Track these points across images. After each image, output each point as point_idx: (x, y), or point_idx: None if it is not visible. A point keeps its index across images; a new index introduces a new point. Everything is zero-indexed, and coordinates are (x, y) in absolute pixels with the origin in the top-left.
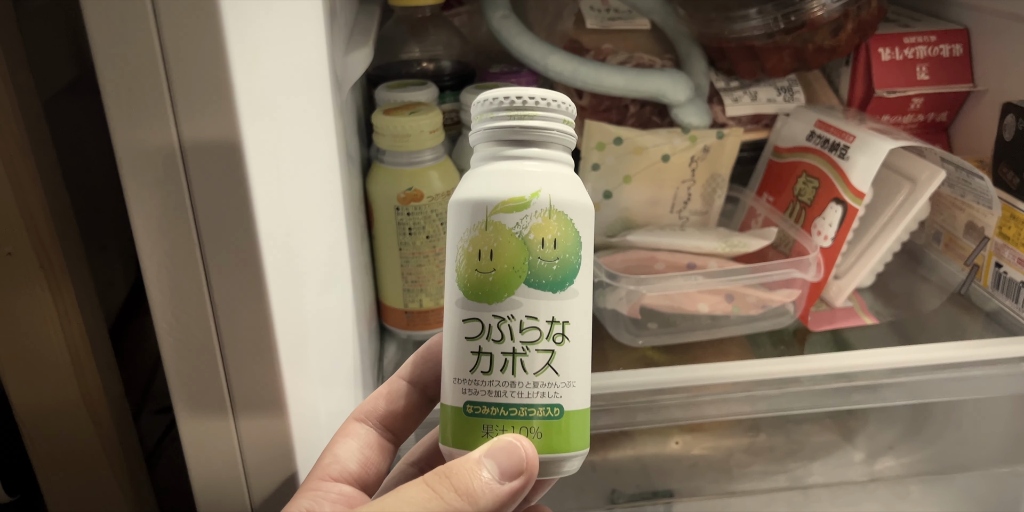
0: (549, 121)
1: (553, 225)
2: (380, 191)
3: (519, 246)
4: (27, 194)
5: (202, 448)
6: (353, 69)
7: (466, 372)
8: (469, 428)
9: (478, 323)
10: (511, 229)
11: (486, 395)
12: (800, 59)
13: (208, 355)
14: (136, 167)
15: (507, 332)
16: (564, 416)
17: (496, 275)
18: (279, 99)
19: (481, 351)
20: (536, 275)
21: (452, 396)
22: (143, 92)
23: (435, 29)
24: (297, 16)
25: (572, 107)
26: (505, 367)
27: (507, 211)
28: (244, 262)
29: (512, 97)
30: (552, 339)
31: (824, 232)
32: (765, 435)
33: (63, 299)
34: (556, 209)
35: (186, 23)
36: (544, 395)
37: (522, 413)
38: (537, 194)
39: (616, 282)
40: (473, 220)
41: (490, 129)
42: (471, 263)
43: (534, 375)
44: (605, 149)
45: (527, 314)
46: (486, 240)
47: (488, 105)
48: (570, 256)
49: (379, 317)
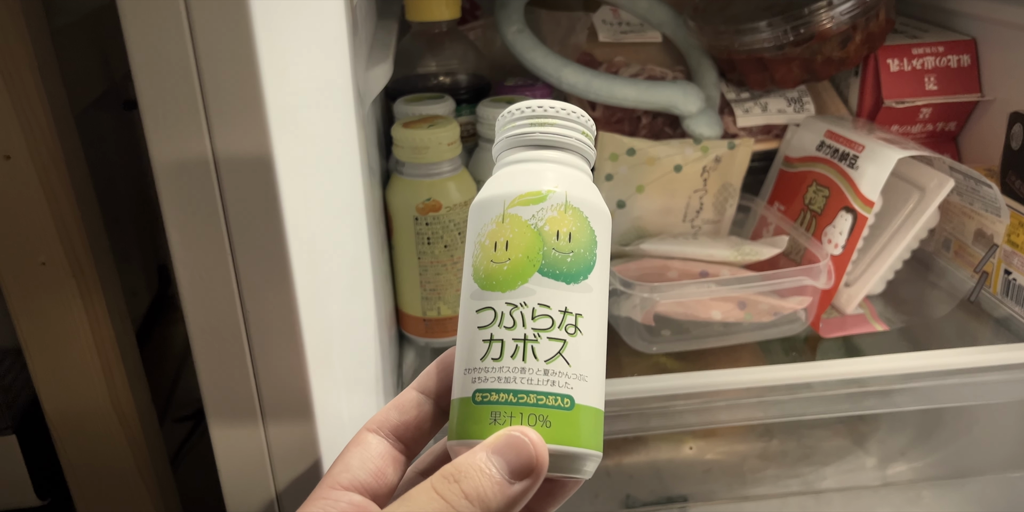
0: (568, 129)
1: (569, 219)
2: (399, 202)
3: (534, 236)
4: (61, 205)
5: (232, 451)
6: (374, 83)
7: (476, 361)
8: (477, 416)
9: (491, 311)
10: (527, 220)
11: (495, 382)
12: (809, 70)
13: (239, 361)
14: (172, 178)
15: (519, 319)
16: (575, 408)
17: (510, 264)
18: (306, 113)
19: (492, 338)
20: (550, 265)
21: (461, 388)
22: (179, 107)
23: (451, 43)
24: (323, 33)
25: (591, 122)
26: (516, 353)
27: (524, 204)
28: (274, 270)
29: (533, 106)
30: (564, 329)
31: (834, 240)
32: (778, 440)
33: (94, 307)
34: (572, 205)
35: (220, 41)
36: (554, 384)
37: (531, 400)
38: (553, 190)
39: (630, 290)
40: (491, 214)
41: (511, 137)
42: (487, 255)
43: (545, 362)
44: (618, 160)
45: (540, 302)
46: (502, 232)
47: (511, 116)
48: (584, 252)
49: (398, 324)
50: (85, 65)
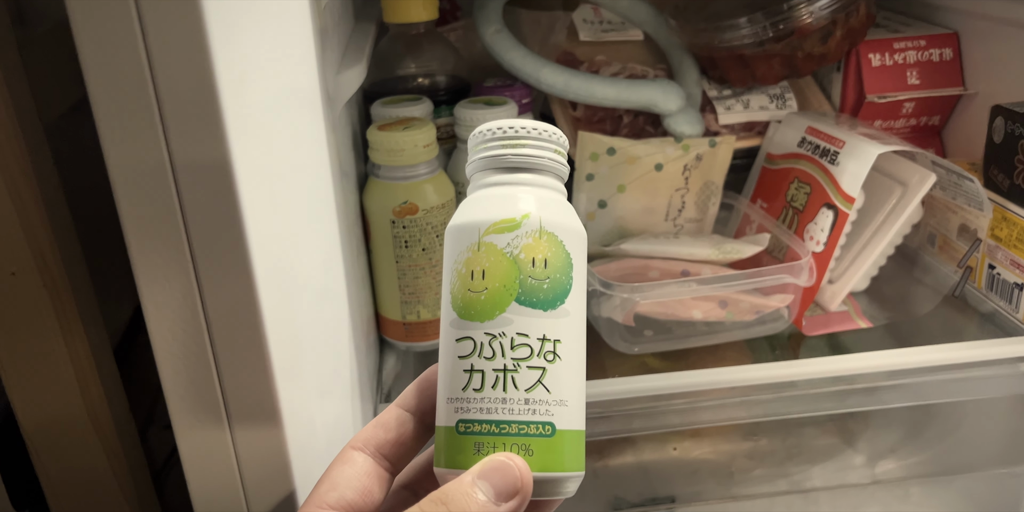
0: (540, 149)
1: (543, 245)
2: (376, 205)
3: (510, 265)
4: (30, 215)
5: (201, 460)
6: (345, 87)
7: (458, 391)
8: (461, 446)
9: (470, 341)
10: (502, 249)
11: (478, 412)
12: (790, 66)
13: (204, 368)
14: (129, 186)
15: (498, 349)
16: (556, 434)
17: (488, 294)
18: (268, 118)
19: (473, 369)
20: (527, 293)
21: (445, 416)
22: (134, 114)
23: (430, 45)
24: (286, 37)
25: (564, 139)
26: (496, 384)
27: (498, 232)
28: (236, 277)
29: (504, 127)
30: (543, 356)
31: (816, 237)
32: (766, 439)
33: (67, 317)
34: (546, 230)
35: (173, 47)
36: (535, 412)
37: (513, 430)
38: (528, 215)
39: (610, 291)
40: (466, 242)
41: (484, 158)
42: (464, 283)
43: (525, 392)
44: (599, 159)
45: (518, 331)
46: (478, 260)
47: (482, 137)
48: (561, 276)
49: (378, 329)
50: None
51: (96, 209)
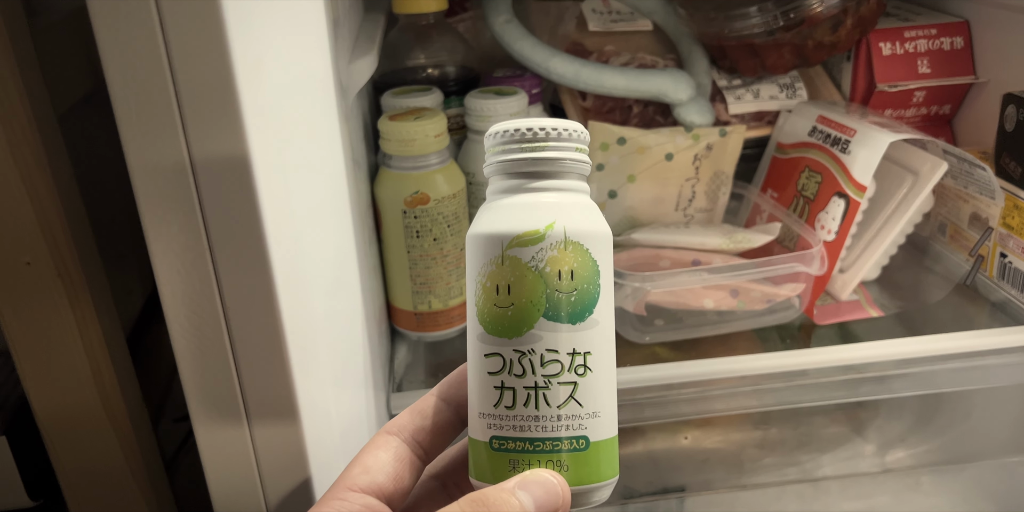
0: (561, 151)
1: (569, 256)
2: (387, 195)
3: (536, 280)
4: (44, 205)
5: (218, 452)
6: (358, 77)
7: (490, 407)
8: (497, 463)
9: (499, 358)
10: (527, 263)
11: (511, 430)
12: (800, 56)
13: (221, 360)
14: (148, 180)
15: (528, 366)
16: (590, 447)
17: (514, 309)
18: (284, 109)
19: (504, 386)
20: (554, 308)
21: (479, 430)
22: (153, 109)
23: (439, 35)
24: (300, 27)
25: (585, 134)
26: (528, 402)
27: (522, 245)
28: (254, 269)
29: (523, 129)
30: (574, 371)
31: (827, 226)
32: (776, 428)
33: (81, 307)
34: (571, 240)
35: (192, 42)
36: (568, 428)
37: (548, 447)
38: (551, 226)
39: (622, 280)
40: (490, 255)
41: (503, 162)
42: (489, 298)
43: (557, 408)
44: (609, 149)
45: (547, 347)
46: (503, 275)
47: (500, 138)
48: (588, 286)
49: (389, 319)
50: (72, 63)
51: (109, 199)
